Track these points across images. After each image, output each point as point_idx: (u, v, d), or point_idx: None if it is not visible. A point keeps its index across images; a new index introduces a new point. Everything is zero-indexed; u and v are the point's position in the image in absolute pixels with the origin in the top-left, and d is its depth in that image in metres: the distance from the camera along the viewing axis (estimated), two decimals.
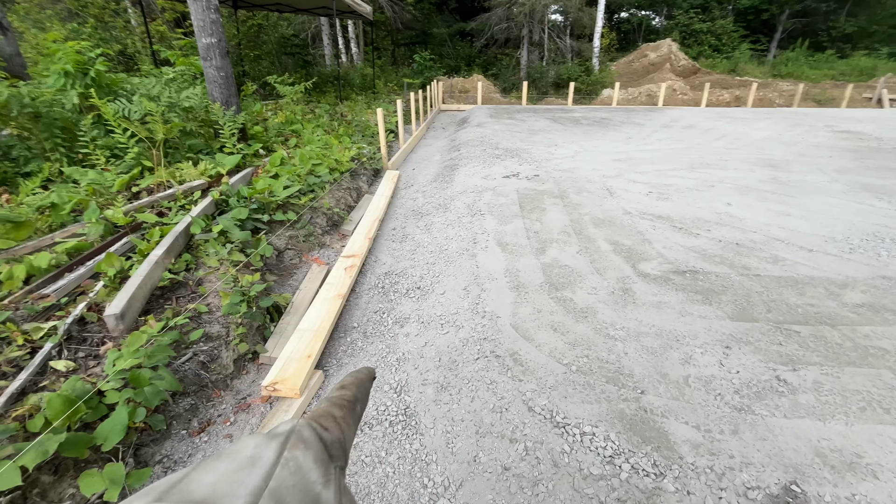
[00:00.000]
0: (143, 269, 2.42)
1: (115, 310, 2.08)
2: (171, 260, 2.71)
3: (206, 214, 3.29)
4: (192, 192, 3.70)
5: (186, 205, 3.47)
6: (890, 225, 3.88)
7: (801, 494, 1.51)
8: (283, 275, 3.38)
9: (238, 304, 2.49)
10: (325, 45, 15.01)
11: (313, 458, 0.27)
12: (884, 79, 14.69)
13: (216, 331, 2.40)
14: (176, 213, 3.27)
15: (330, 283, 3.09)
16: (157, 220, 3.10)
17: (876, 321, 2.49)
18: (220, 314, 2.49)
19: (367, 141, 6.89)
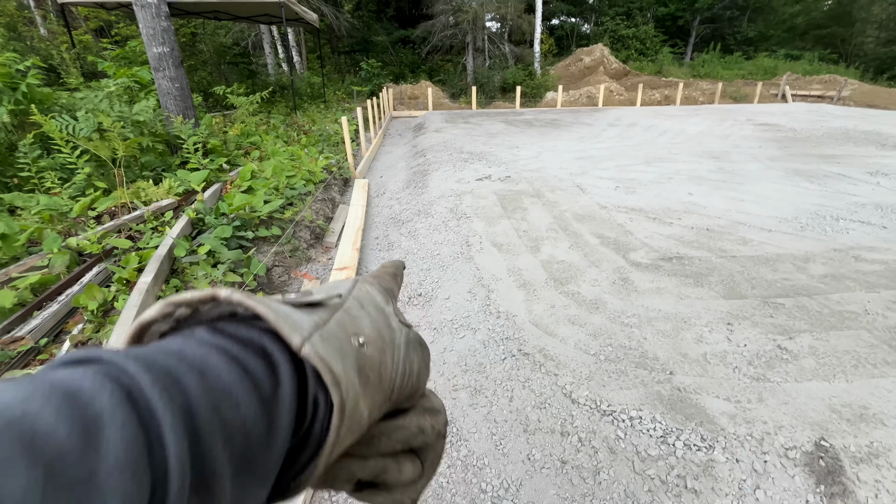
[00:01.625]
0: (134, 300, 2.19)
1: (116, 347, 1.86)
2: (160, 286, 2.48)
3: (185, 235, 3.05)
4: (161, 212, 3.41)
5: (159, 226, 3.19)
6: (825, 204, 4.40)
7: (831, 448, 1.67)
8: (274, 293, 3.20)
9: None
10: (266, 54, 14.43)
11: (376, 290, 0.34)
12: (785, 77, 16.62)
13: None
14: (150, 237, 2.99)
15: None
16: (131, 245, 2.83)
17: (841, 288, 2.80)
18: None
19: (332, 150, 6.71)
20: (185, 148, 4.17)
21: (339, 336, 0.25)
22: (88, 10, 8.73)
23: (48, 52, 7.36)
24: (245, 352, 0.22)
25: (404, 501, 0.32)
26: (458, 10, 16.51)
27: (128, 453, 0.15)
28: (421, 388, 0.33)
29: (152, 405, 0.17)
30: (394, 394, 0.29)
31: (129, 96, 5.35)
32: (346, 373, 0.24)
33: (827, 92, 15.83)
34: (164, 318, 0.23)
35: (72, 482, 0.14)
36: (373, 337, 0.28)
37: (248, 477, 0.20)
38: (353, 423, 0.24)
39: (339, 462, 0.28)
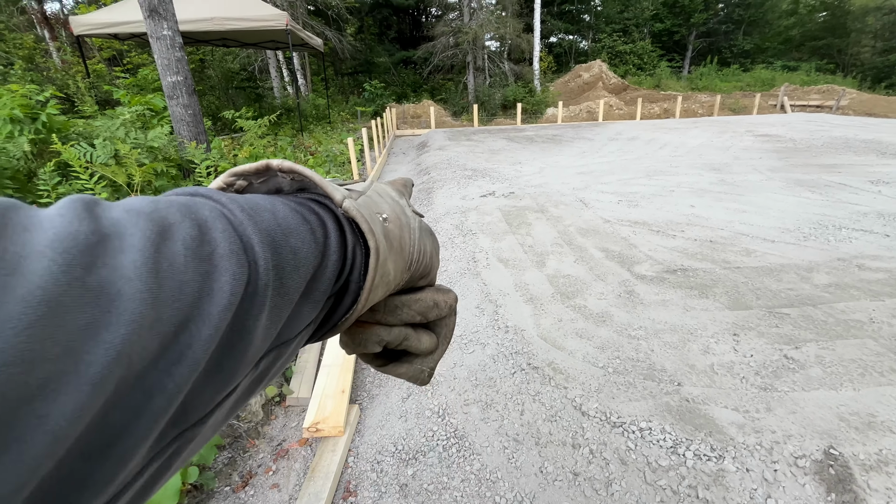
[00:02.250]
0: None
1: None
2: None
3: None
4: None
5: None
6: (828, 213, 4.44)
7: (840, 456, 1.69)
8: None
9: None
10: (272, 78, 14.82)
11: (391, 187, 0.38)
12: (783, 88, 16.81)
13: None
14: None
15: None
16: None
17: (846, 298, 2.83)
18: None
19: (338, 171, 6.85)
20: (198, 171, 4.30)
21: (369, 208, 0.30)
22: (102, 41, 9.06)
23: (64, 82, 7.63)
24: (301, 207, 0.27)
25: (423, 370, 0.39)
26: (458, 32, 16.94)
27: (231, 246, 0.20)
28: (433, 273, 0.39)
29: (243, 222, 0.22)
30: (412, 265, 0.35)
31: (142, 123, 5.53)
32: (377, 229, 0.29)
33: (825, 102, 15.98)
34: (227, 187, 0.28)
35: (200, 257, 0.18)
36: (392, 216, 0.33)
37: (307, 297, 0.25)
38: (383, 275, 0.29)
39: (369, 328, 0.34)
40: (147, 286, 0.16)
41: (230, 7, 7.94)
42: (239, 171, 0.28)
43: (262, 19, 7.86)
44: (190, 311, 0.17)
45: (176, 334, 0.17)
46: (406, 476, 1.91)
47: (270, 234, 0.23)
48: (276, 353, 0.25)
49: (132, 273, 0.16)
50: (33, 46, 8.38)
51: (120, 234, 0.16)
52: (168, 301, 0.17)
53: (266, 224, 0.23)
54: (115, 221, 0.17)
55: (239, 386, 0.22)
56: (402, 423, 2.20)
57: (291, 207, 0.26)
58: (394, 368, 0.38)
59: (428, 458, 1.98)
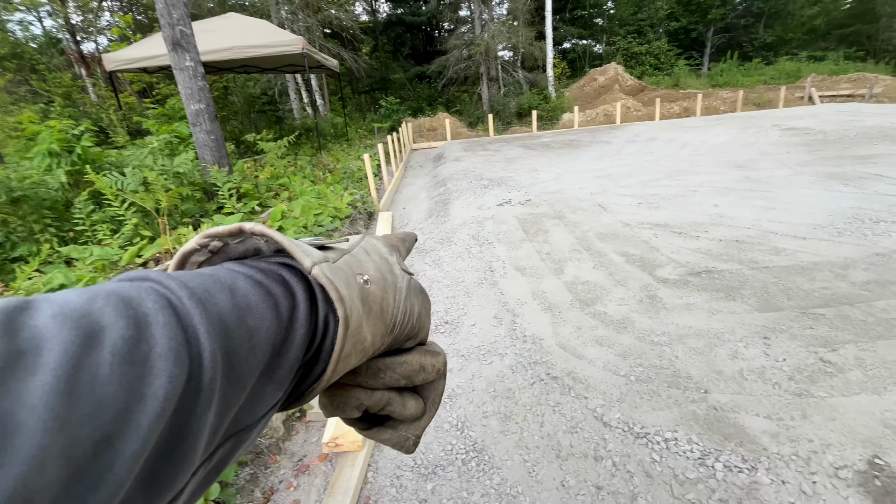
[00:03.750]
0: None
1: None
2: None
3: None
4: None
5: None
6: (863, 206, 4.22)
7: (887, 466, 1.57)
8: None
9: None
10: (292, 100, 15.32)
11: (382, 243, 0.37)
12: (810, 79, 16.20)
13: None
14: None
15: None
16: None
17: (886, 295, 2.67)
18: None
19: (356, 186, 6.98)
20: (221, 194, 4.46)
21: (346, 271, 0.29)
22: (133, 75, 9.61)
23: (98, 115, 8.10)
24: (267, 278, 0.26)
25: (408, 438, 0.36)
26: (470, 44, 17.13)
27: (171, 343, 0.19)
28: (422, 333, 0.37)
29: (189, 312, 0.20)
30: (395, 329, 0.33)
31: (169, 150, 5.80)
32: (350, 296, 0.27)
33: (857, 90, 15.30)
34: (201, 248, 0.27)
35: (131, 361, 0.17)
36: (376, 277, 0.31)
37: (268, 379, 0.24)
38: (357, 342, 0.28)
39: (348, 391, 0.32)
40: (54, 412, 0.15)
41: (249, 35, 8.29)
42: (213, 232, 0.27)
43: (279, 45, 8.17)
44: (112, 427, 0.16)
45: (95, 455, 0.15)
46: (425, 491, 1.88)
47: (222, 319, 0.22)
48: (235, 440, 0.23)
49: (38, 399, 0.14)
50: (71, 84, 8.99)
51: (37, 349, 0.15)
52: (83, 421, 0.15)
53: (219, 307, 0.22)
54: (35, 334, 0.16)
55: (188, 485, 0.21)
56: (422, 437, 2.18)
57: (255, 281, 0.25)
58: (377, 434, 0.36)
59: (447, 473, 1.95)
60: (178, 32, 4.36)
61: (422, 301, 0.37)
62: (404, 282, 0.35)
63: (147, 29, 15.27)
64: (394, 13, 22.90)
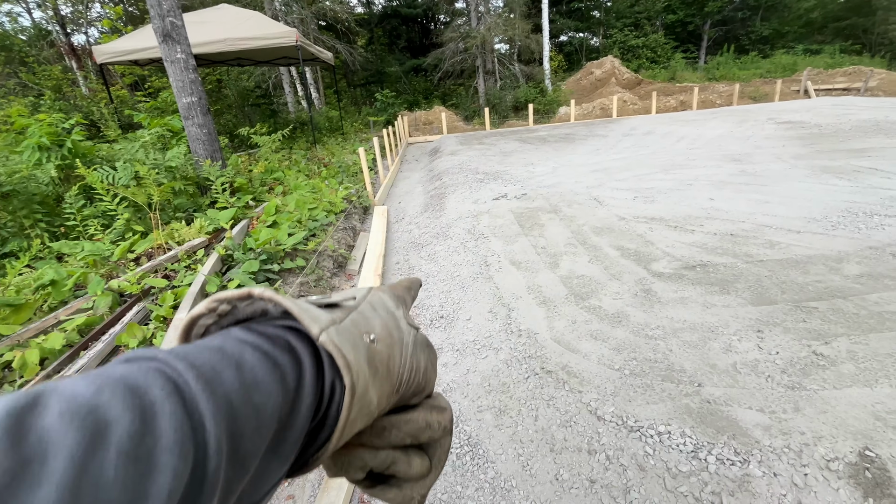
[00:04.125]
0: (170, 336, 2.32)
1: None
2: None
3: (216, 272, 3.21)
4: (193, 251, 3.60)
5: (191, 264, 3.38)
6: (857, 200, 4.23)
7: (877, 458, 1.58)
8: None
9: None
10: (286, 93, 15.18)
11: (388, 296, 0.37)
12: (806, 72, 16.20)
13: None
14: (184, 275, 3.17)
15: None
16: (166, 284, 3.00)
17: (879, 288, 2.68)
18: None
19: (351, 180, 6.94)
20: (214, 188, 4.42)
21: (353, 332, 0.29)
22: (124, 68, 9.47)
23: (89, 109, 7.99)
24: (274, 347, 0.26)
25: (414, 497, 0.35)
26: (466, 37, 16.99)
27: (176, 435, 0.19)
28: (428, 387, 0.37)
29: (196, 396, 0.20)
30: (402, 387, 0.33)
31: (162, 144, 5.74)
32: (357, 360, 0.27)
33: (852, 84, 15.32)
34: (210, 312, 0.28)
35: (136, 458, 0.17)
36: (382, 335, 0.32)
37: (273, 454, 0.24)
38: (363, 406, 0.28)
39: (352, 451, 0.32)
40: None
41: (242, 27, 8.18)
42: (222, 297, 0.28)
43: (272, 37, 8.07)
44: None
45: None
46: None
47: (229, 400, 0.22)
48: None
49: None
50: (61, 77, 8.84)
51: (43, 456, 0.15)
52: None
53: (226, 387, 0.22)
54: (42, 437, 0.16)
55: None
56: None
57: (262, 352, 0.25)
58: (381, 492, 0.35)
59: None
60: (168, 24, 4.29)
61: (428, 355, 0.37)
62: (411, 337, 0.35)
63: (138, 20, 15.04)
64: (389, 5, 22.68)
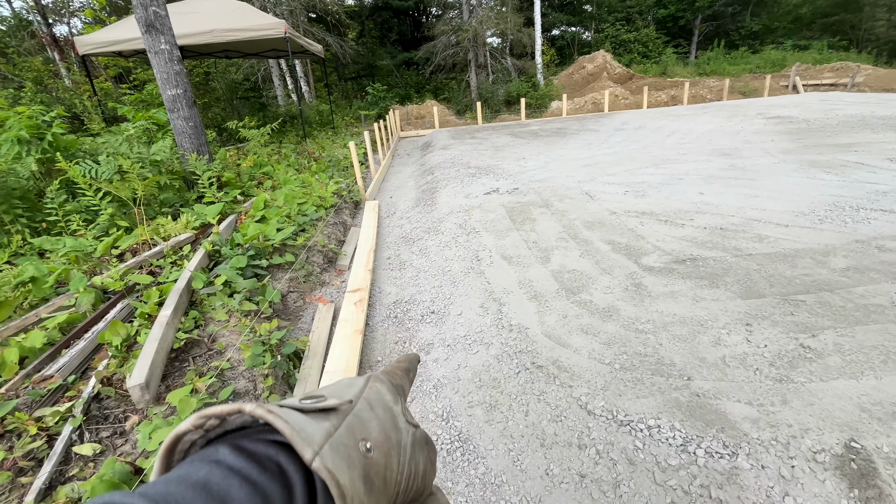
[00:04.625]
0: (155, 333, 2.27)
1: (138, 380, 1.93)
2: (179, 319, 2.57)
3: (202, 267, 3.15)
4: (180, 246, 3.54)
5: (178, 260, 3.31)
6: (844, 195, 4.28)
7: (863, 449, 1.60)
8: (292, 318, 3.27)
9: (261, 354, 2.38)
10: (276, 86, 14.96)
11: (386, 388, 0.37)
12: (794, 67, 16.34)
13: (243, 386, 2.28)
14: (170, 271, 3.11)
15: (343, 319, 3.02)
16: (152, 280, 2.94)
17: (865, 281, 2.71)
18: (243, 368, 2.37)
19: (342, 175, 6.87)
20: (201, 183, 4.34)
21: (348, 443, 0.28)
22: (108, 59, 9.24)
23: (72, 102, 7.79)
24: (263, 475, 0.25)
25: None
26: (458, 30, 16.86)
27: None
28: (427, 488, 0.36)
29: None
30: (399, 497, 0.32)
31: (147, 137, 5.61)
32: (351, 482, 0.26)
33: (839, 80, 15.49)
34: (196, 428, 0.27)
35: None
36: (380, 440, 0.31)
37: None
38: None
39: None
40: None
41: (229, 18, 8.01)
42: (211, 412, 0.26)
43: (260, 28, 7.92)
44: None
45: None
46: None
47: None
48: None
49: None
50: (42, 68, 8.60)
51: None
52: None
53: None
54: None
55: None
56: None
57: (251, 482, 0.24)
58: None
59: None
60: (151, 14, 4.18)
61: (427, 454, 0.36)
62: (409, 437, 0.35)
63: (122, 11, 14.68)
64: None
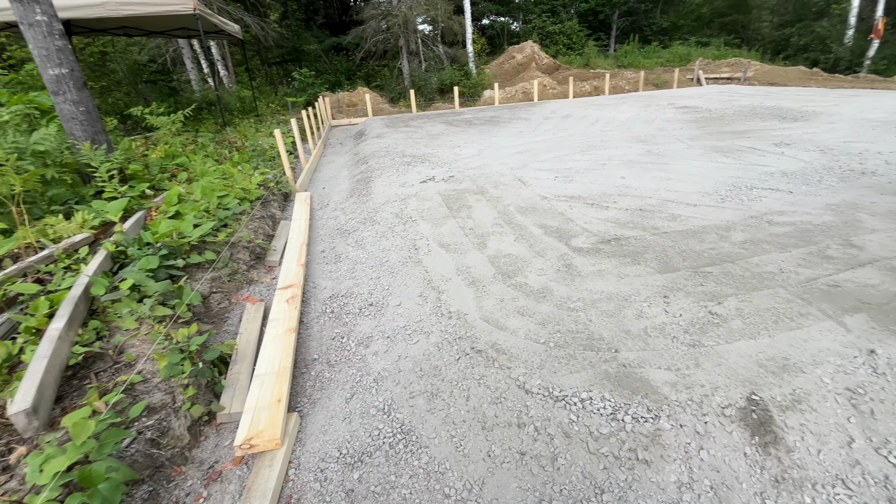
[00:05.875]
0: (44, 349, 1.97)
1: (23, 405, 1.66)
2: (76, 331, 2.25)
3: (104, 271, 2.79)
4: (75, 248, 3.10)
5: (73, 265, 2.90)
6: (741, 176, 4.78)
7: (761, 401, 1.80)
8: (216, 321, 3.01)
9: (179, 363, 2.16)
10: (188, 70, 13.63)
11: None
12: (698, 62, 17.97)
13: (159, 399, 2.06)
14: (63, 277, 2.71)
15: (274, 318, 2.84)
16: (39, 289, 2.55)
17: (759, 252, 3.05)
18: (158, 380, 2.14)
19: (268, 165, 6.44)
20: (99, 176, 3.83)
21: None
22: None
23: None
24: None
25: None
26: (387, 15, 16.43)
27: None
28: None
29: None
30: None
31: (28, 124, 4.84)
32: None
33: (734, 74, 17.28)
34: None
35: None
36: None
37: None
38: None
39: None
40: None
41: None
42: None
43: (164, 3, 7.11)
44: None
45: None
46: (352, 481, 1.81)
47: None
48: None
49: None
50: None
51: None
52: None
53: None
54: None
55: None
56: (347, 425, 2.09)
57: None
58: None
59: (374, 459, 1.89)
60: None
61: None
62: None
63: None
64: None
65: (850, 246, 3.05)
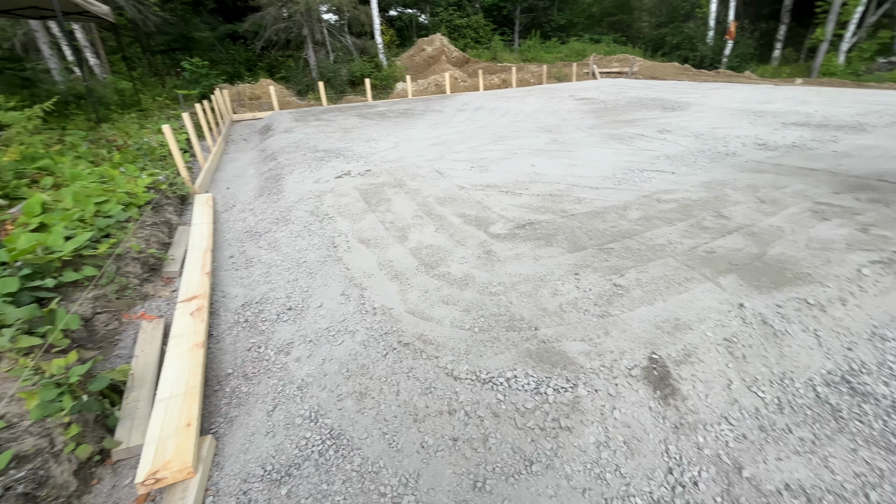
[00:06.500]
0: None
1: None
2: None
3: None
4: None
5: None
6: (633, 160, 5.30)
7: (660, 358, 2.01)
8: (104, 346, 2.62)
9: (56, 399, 1.85)
10: (47, 57, 11.60)
11: None
12: (592, 57, 19.52)
13: (32, 445, 1.74)
14: None
15: (177, 335, 2.55)
16: None
17: (651, 227, 3.41)
18: (29, 423, 1.80)
19: (157, 165, 5.73)
20: None
21: None
22: None
23: None
24: None
25: None
26: (288, 1, 15.44)
27: None
28: None
29: None
30: None
31: None
32: None
33: (623, 68, 19.07)
34: None
35: None
36: None
37: None
38: None
39: None
40: None
41: None
42: None
43: None
44: None
45: None
46: (280, 498, 1.70)
47: None
48: None
49: None
50: None
51: None
52: None
53: None
54: None
55: None
56: (270, 439, 1.95)
57: None
58: None
59: (303, 470, 1.79)
60: None
61: None
62: None
63: None
64: None
65: (721, 217, 3.54)
